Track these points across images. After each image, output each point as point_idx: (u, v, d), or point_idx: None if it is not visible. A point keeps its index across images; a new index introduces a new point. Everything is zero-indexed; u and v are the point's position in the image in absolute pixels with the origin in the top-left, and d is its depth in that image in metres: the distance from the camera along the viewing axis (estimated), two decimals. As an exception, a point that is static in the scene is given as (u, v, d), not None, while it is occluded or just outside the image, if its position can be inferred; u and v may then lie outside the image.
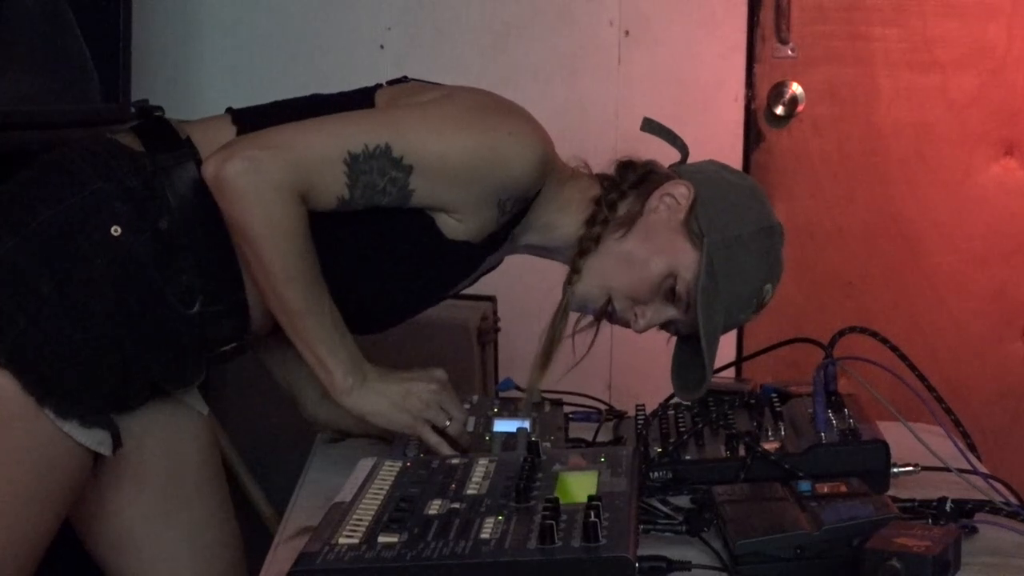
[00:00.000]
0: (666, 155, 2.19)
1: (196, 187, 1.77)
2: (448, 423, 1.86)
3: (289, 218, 1.74)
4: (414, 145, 1.77)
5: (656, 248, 1.88)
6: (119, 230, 1.74)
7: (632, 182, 1.94)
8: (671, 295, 1.88)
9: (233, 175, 1.71)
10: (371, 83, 1.96)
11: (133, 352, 1.77)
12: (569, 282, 1.94)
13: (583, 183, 1.96)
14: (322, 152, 1.75)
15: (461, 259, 1.88)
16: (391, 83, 1.95)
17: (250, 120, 1.84)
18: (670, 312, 1.90)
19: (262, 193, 1.72)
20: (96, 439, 1.77)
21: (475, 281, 1.99)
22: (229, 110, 1.90)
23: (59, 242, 1.73)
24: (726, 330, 1.88)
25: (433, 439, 1.84)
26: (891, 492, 1.71)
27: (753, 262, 1.86)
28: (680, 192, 1.89)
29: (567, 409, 2.11)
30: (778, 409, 1.89)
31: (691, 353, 1.90)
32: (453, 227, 1.84)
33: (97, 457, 1.79)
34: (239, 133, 1.82)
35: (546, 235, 1.94)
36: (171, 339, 1.79)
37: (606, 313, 1.93)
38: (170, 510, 1.96)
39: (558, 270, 3.23)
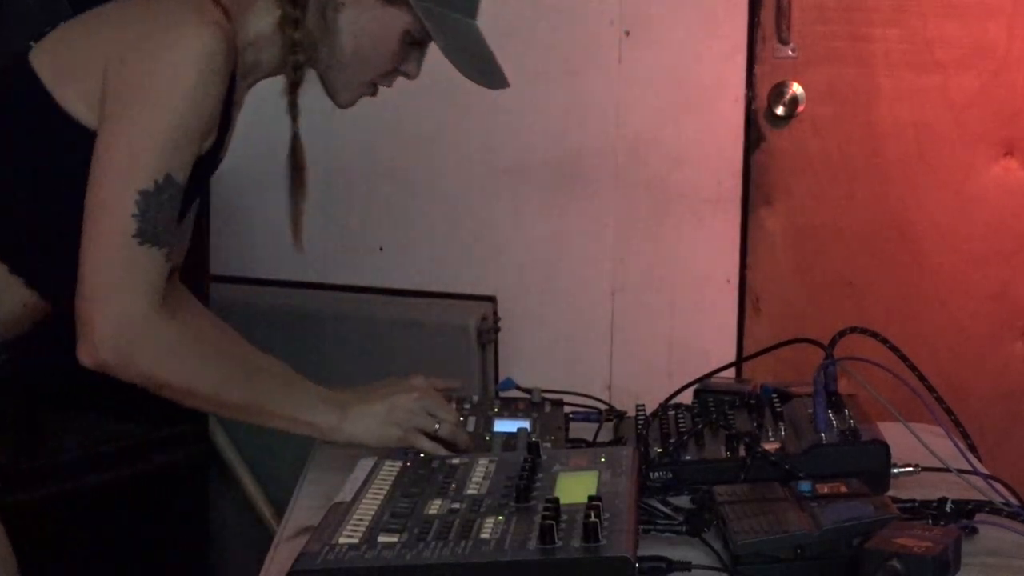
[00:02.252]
0: (668, 152, 2.19)
1: None
2: (437, 427, 1.85)
3: (184, 350, 1.73)
4: (165, 161, 1.70)
5: (373, 34, 1.85)
6: None
7: None
8: (416, 43, 1.88)
9: (119, 360, 1.69)
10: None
11: None
12: (331, 98, 1.91)
13: (262, 9, 1.85)
14: (135, 256, 1.69)
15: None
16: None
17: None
18: (420, 52, 1.90)
19: (148, 354, 1.70)
20: None
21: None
22: None
23: None
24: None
25: (427, 445, 1.84)
26: (891, 492, 1.71)
27: None
28: None
29: (567, 409, 2.11)
30: (778, 409, 1.89)
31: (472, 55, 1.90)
32: None
33: None
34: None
35: (261, 72, 1.89)
36: None
37: (378, 87, 1.92)
38: None
39: (558, 271, 3.24)
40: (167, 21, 1.72)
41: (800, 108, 3.21)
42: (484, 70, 1.91)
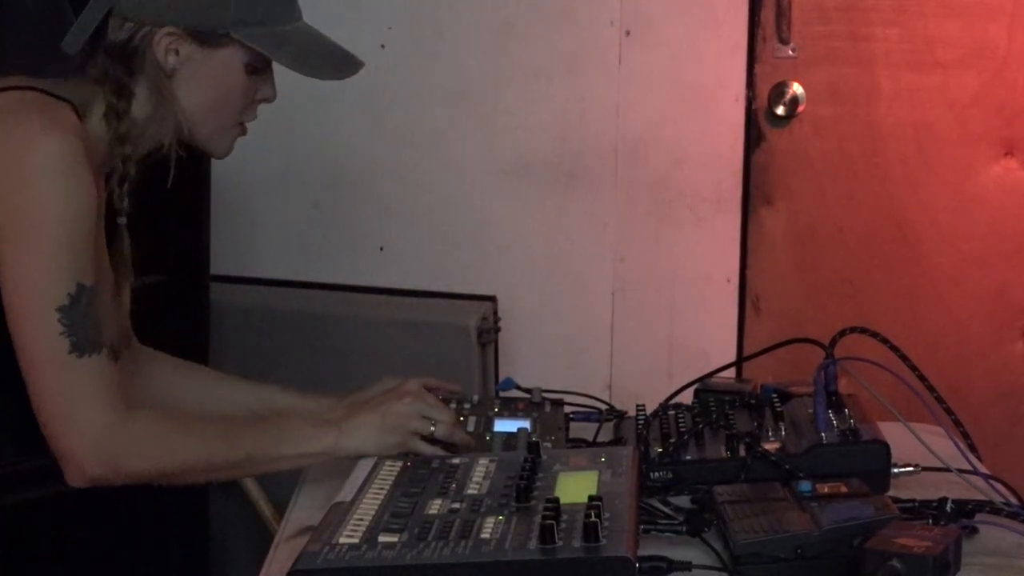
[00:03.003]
0: (668, 152, 2.19)
1: None
2: (433, 429, 1.84)
3: (161, 438, 1.75)
4: (71, 268, 1.70)
5: (215, 76, 1.83)
6: None
7: (122, 71, 1.81)
8: (259, 70, 1.85)
9: (106, 474, 1.71)
10: (372, 81, 1.94)
11: None
12: (217, 156, 1.90)
13: (93, 98, 1.82)
14: (72, 364, 1.69)
15: None
16: None
17: None
18: (269, 72, 1.87)
19: (130, 458, 1.72)
20: None
21: None
22: None
23: None
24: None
25: (426, 448, 1.82)
26: (891, 492, 1.71)
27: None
28: (165, 38, 1.79)
29: (567, 409, 2.11)
30: (778, 409, 1.89)
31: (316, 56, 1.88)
32: None
33: None
34: None
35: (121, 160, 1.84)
36: None
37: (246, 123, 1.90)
38: None
39: (559, 271, 3.24)
40: (16, 137, 1.71)
41: (800, 108, 3.21)
42: (336, 63, 1.89)
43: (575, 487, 1.53)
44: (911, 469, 1.78)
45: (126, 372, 1.83)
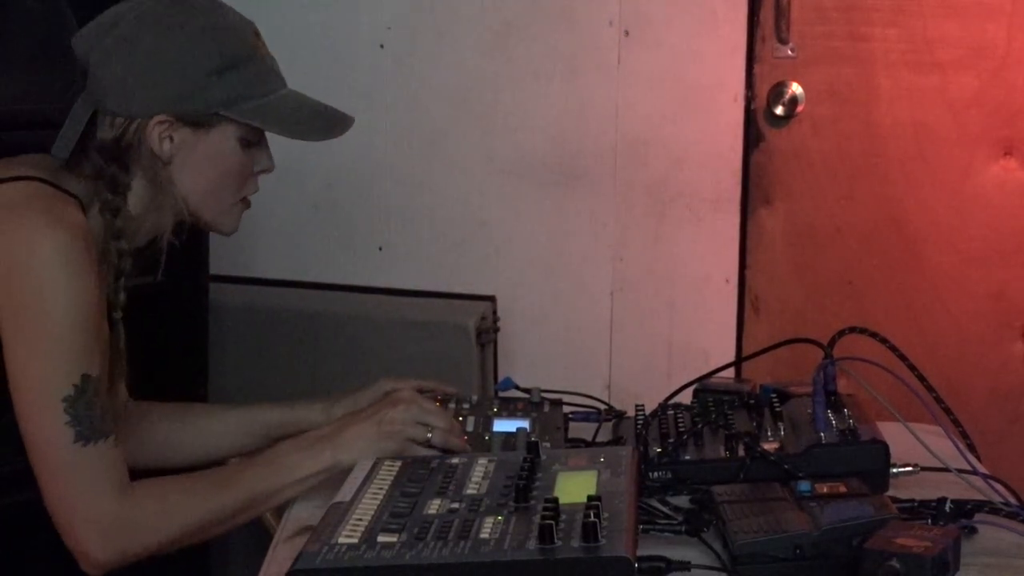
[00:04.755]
0: (668, 152, 2.18)
1: None
2: (430, 436, 1.83)
3: (166, 512, 1.75)
4: (79, 360, 1.71)
5: (210, 157, 1.83)
6: None
7: (116, 167, 1.82)
8: (253, 143, 1.87)
9: (120, 559, 1.73)
10: (372, 82, 1.95)
11: None
12: (225, 232, 1.91)
13: (92, 193, 1.83)
14: (79, 459, 1.70)
15: None
16: None
17: None
18: (263, 144, 1.89)
19: (141, 539, 1.74)
20: None
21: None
22: None
23: None
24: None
25: (423, 453, 1.82)
26: (891, 492, 1.71)
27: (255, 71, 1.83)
28: (157, 127, 1.80)
29: (566, 409, 2.11)
30: (778, 409, 1.89)
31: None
32: None
33: None
34: None
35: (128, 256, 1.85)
36: None
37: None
38: None
39: (558, 271, 3.24)
40: (22, 231, 1.71)
41: (800, 108, 3.21)
42: (327, 123, 1.89)
43: (574, 487, 1.53)
44: (910, 469, 1.78)
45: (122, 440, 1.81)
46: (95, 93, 1.82)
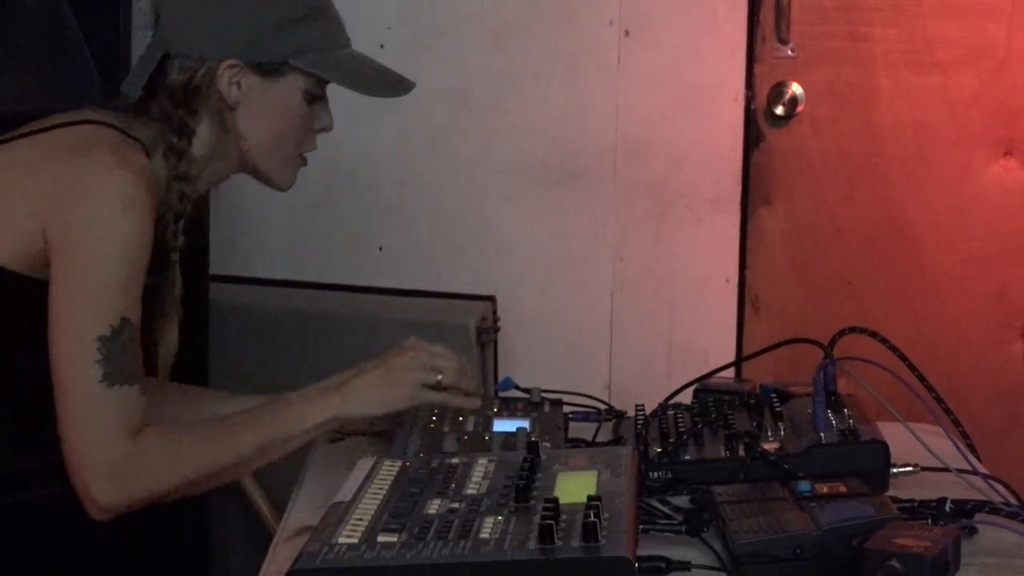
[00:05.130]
0: (668, 152, 2.18)
1: None
2: (440, 377, 1.86)
3: (175, 454, 1.76)
4: (120, 300, 1.73)
5: (278, 108, 1.87)
6: None
7: (183, 110, 1.85)
8: (317, 96, 1.90)
9: (129, 503, 1.74)
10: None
11: None
12: (281, 187, 1.95)
13: (155, 138, 1.86)
14: (101, 397, 1.71)
15: None
16: None
17: None
18: (324, 100, 1.92)
19: (150, 482, 1.75)
20: None
21: None
22: None
23: None
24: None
25: (436, 397, 1.86)
26: (891, 492, 1.71)
27: (294, 24, 1.85)
28: (227, 71, 1.83)
29: (566, 409, 2.11)
30: (778, 409, 1.89)
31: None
32: None
33: None
34: None
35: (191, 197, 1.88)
36: None
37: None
38: None
39: (558, 271, 3.24)
40: (88, 170, 1.74)
41: (800, 108, 3.21)
42: (393, 82, 1.94)
43: (574, 487, 1.53)
44: (910, 469, 1.78)
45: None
46: (166, 36, 1.84)
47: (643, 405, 2.01)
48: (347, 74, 1.87)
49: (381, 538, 1.44)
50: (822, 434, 1.77)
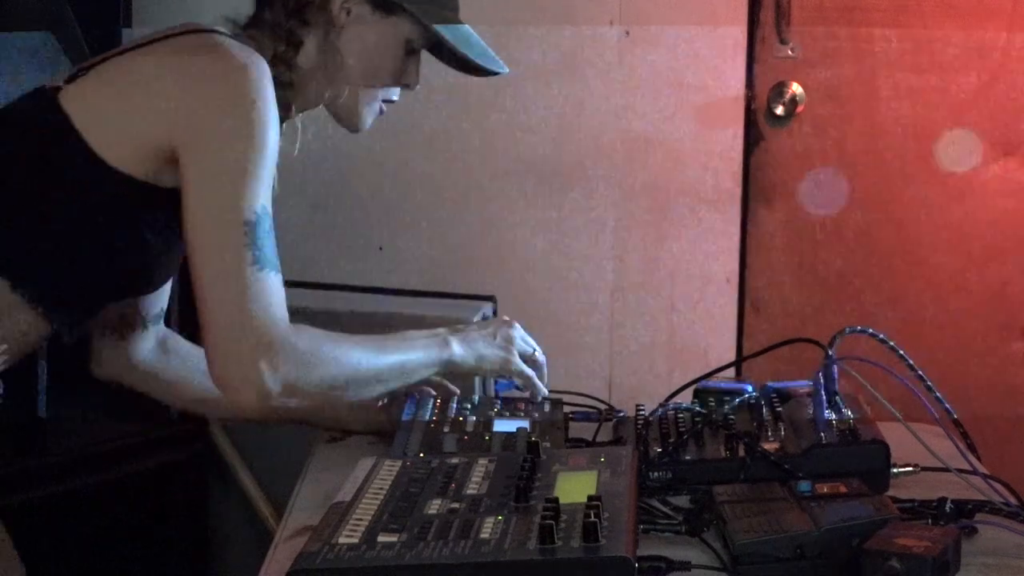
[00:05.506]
0: (668, 152, 2.18)
1: None
2: (535, 351, 2.02)
3: (331, 351, 1.80)
4: (259, 195, 1.75)
5: (378, 51, 1.92)
6: None
7: (295, 21, 1.90)
8: (414, 51, 1.96)
9: (288, 391, 1.73)
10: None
11: None
12: (349, 128, 1.97)
13: (261, 49, 1.88)
14: (252, 282, 1.72)
15: None
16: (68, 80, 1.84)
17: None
18: (418, 56, 1.98)
19: (310, 372, 1.76)
20: None
21: None
22: None
23: None
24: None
25: (526, 370, 1.99)
26: (891, 492, 1.71)
27: None
28: None
29: (567, 409, 2.11)
30: (778, 409, 1.89)
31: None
32: None
33: None
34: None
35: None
36: None
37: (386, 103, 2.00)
38: None
39: (558, 271, 3.23)
40: (225, 60, 1.77)
41: (800, 108, 3.21)
42: (489, 58, 2.01)
43: (574, 487, 1.53)
44: (910, 469, 1.78)
45: None
46: None
47: (643, 405, 2.01)
48: (452, 35, 1.93)
49: (381, 538, 1.44)
50: (822, 434, 1.77)
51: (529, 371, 2.02)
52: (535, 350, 2.04)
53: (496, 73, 2.03)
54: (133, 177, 1.77)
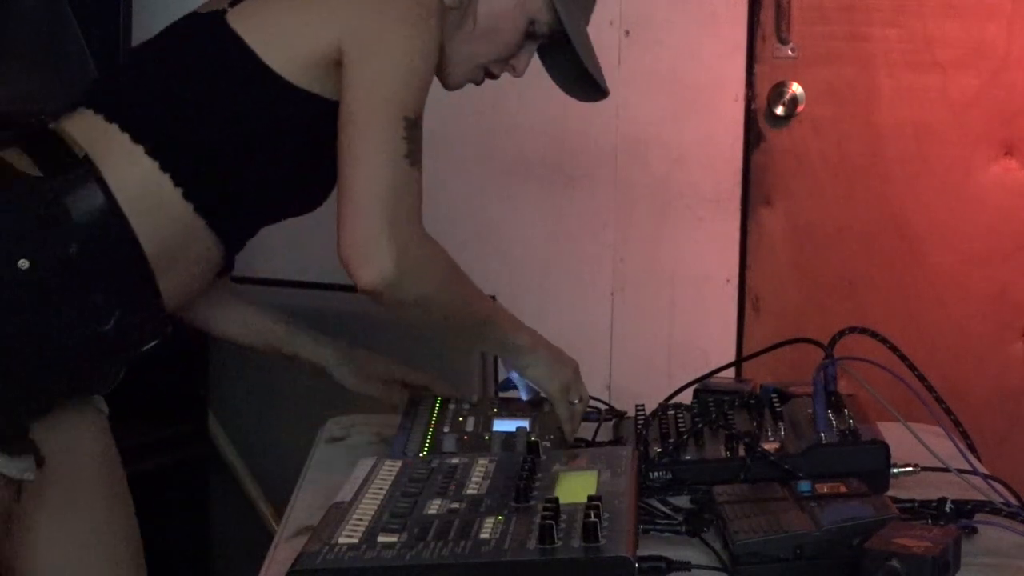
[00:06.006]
0: (668, 152, 2.18)
1: (103, 209, 1.75)
2: (578, 401, 1.94)
3: (440, 260, 1.83)
4: (415, 97, 1.80)
5: (504, 13, 1.93)
6: (26, 263, 1.70)
7: None
8: (533, 36, 1.96)
9: (402, 281, 1.75)
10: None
11: (51, 375, 1.77)
12: (441, 79, 1.97)
13: None
14: (400, 180, 1.77)
15: None
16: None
17: (140, 127, 1.80)
18: (535, 46, 1.99)
19: (423, 266, 1.78)
20: (22, 467, 1.75)
21: None
22: (91, 101, 1.85)
23: None
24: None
25: (565, 410, 1.93)
26: (891, 492, 1.71)
27: None
28: None
29: (567, 409, 2.11)
30: (778, 409, 1.89)
31: (566, 64, 2.01)
32: None
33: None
34: (146, 149, 1.79)
35: None
36: (89, 355, 1.78)
37: (486, 76, 2.01)
38: (71, 509, 1.92)
39: (558, 271, 3.24)
40: None
41: (800, 108, 3.21)
42: (597, 73, 2.02)
43: (574, 487, 1.53)
44: (910, 469, 1.78)
45: None
46: None
47: (643, 405, 2.01)
48: (577, 35, 1.94)
49: (381, 538, 1.44)
50: (822, 434, 1.77)
51: (567, 410, 1.95)
52: (583, 400, 1.98)
53: (599, 97, 2.05)
54: (306, 91, 1.81)
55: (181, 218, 1.81)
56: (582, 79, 2.02)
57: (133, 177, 1.78)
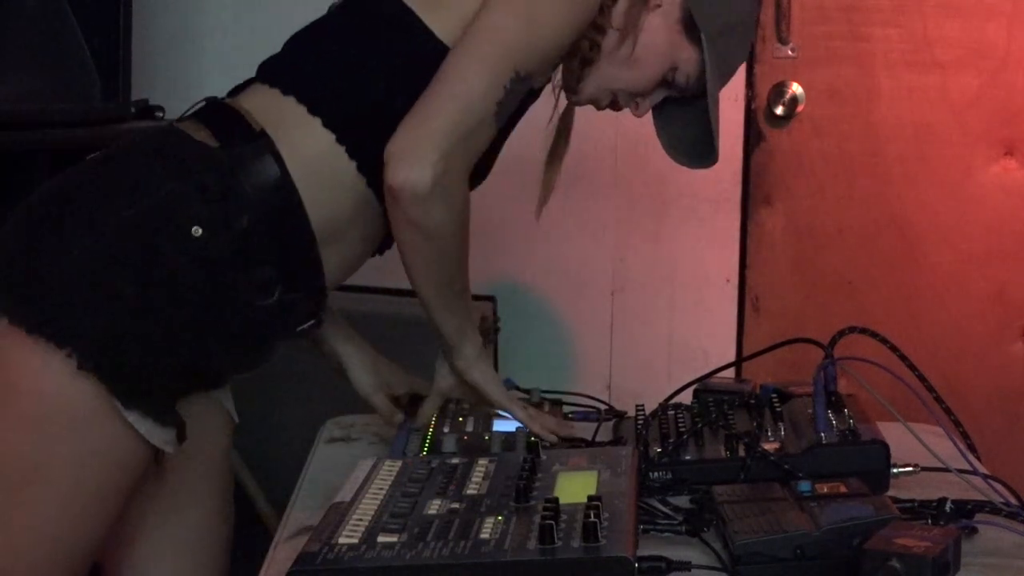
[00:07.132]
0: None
1: (276, 183, 1.76)
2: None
3: (466, 209, 1.80)
4: (533, 58, 1.80)
5: (656, 49, 1.91)
6: (199, 231, 1.72)
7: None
8: (670, 84, 1.95)
9: (426, 191, 1.73)
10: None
11: (212, 348, 1.78)
12: (570, 88, 1.96)
13: None
14: (481, 118, 1.77)
15: None
16: None
17: (316, 99, 1.81)
18: (664, 94, 1.98)
19: (452, 198, 1.76)
20: (166, 437, 1.76)
21: None
22: (266, 75, 1.87)
23: (139, 243, 1.71)
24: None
25: (521, 412, 1.90)
26: (891, 492, 1.71)
27: (736, 42, 1.95)
28: None
29: (566, 409, 2.11)
30: (778, 409, 1.89)
31: (681, 122, 2.01)
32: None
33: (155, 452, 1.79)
34: (323, 121, 1.79)
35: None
36: (249, 330, 1.80)
37: (609, 106, 2.01)
38: (179, 504, 1.95)
39: (558, 270, 3.23)
40: None
41: (800, 108, 3.21)
42: (716, 134, 1.95)
43: (574, 487, 1.53)
44: (910, 469, 1.78)
45: None
46: None
47: (643, 405, 2.01)
48: (713, 98, 1.90)
49: (381, 538, 1.44)
50: (822, 434, 1.77)
51: (523, 413, 1.91)
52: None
53: (707, 164, 2.03)
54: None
55: (352, 191, 1.82)
56: (690, 141, 2.01)
57: (309, 150, 1.79)
